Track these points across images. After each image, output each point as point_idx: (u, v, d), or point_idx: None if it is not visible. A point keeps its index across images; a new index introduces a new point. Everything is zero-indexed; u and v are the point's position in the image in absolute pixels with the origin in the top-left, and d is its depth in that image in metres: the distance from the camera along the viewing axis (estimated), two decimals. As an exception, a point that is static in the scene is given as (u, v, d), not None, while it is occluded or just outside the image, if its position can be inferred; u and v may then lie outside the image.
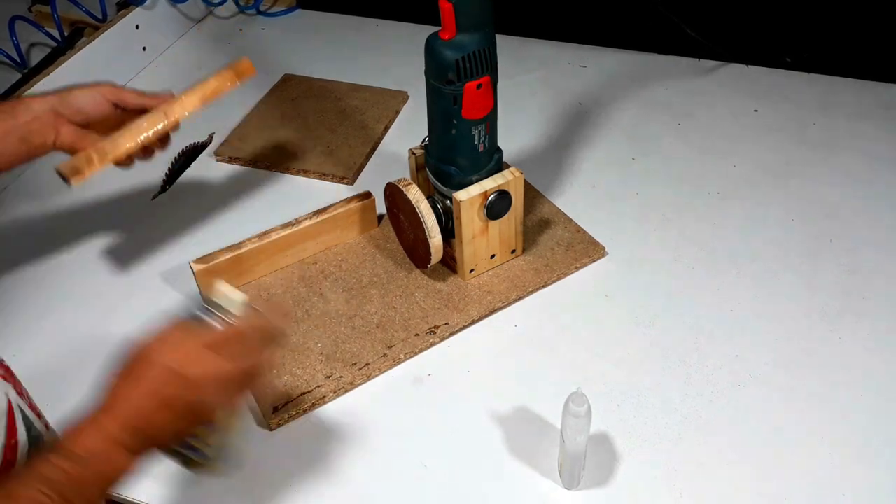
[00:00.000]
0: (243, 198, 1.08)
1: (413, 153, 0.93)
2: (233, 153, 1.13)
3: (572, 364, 0.84)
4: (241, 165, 1.13)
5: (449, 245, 0.91)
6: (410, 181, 0.88)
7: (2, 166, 0.79)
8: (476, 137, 0.83)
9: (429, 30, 0.79)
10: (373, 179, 1.06)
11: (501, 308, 0.90)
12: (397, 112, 1.20)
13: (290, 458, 0.77)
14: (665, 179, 1.06)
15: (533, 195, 1.02)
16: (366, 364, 0.84)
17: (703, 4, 1.20)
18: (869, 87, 1.18)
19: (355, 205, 0.97)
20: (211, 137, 1.19)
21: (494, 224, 0.89)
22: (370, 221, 0.99)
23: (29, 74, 1.26)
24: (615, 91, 1.21)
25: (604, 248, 0.95)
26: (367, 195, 0.98)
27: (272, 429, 0.80)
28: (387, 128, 1.17)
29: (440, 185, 0.88)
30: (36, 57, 1.32)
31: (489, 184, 0.85)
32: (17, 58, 1.28)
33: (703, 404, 0.80)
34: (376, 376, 0.84)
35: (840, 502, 0.71)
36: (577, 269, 0.94)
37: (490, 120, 0.83)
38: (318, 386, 0.83)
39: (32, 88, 1.12)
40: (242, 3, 1.47)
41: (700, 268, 0.94)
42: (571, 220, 0.99)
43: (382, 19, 1.42)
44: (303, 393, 0.82)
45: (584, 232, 0.97)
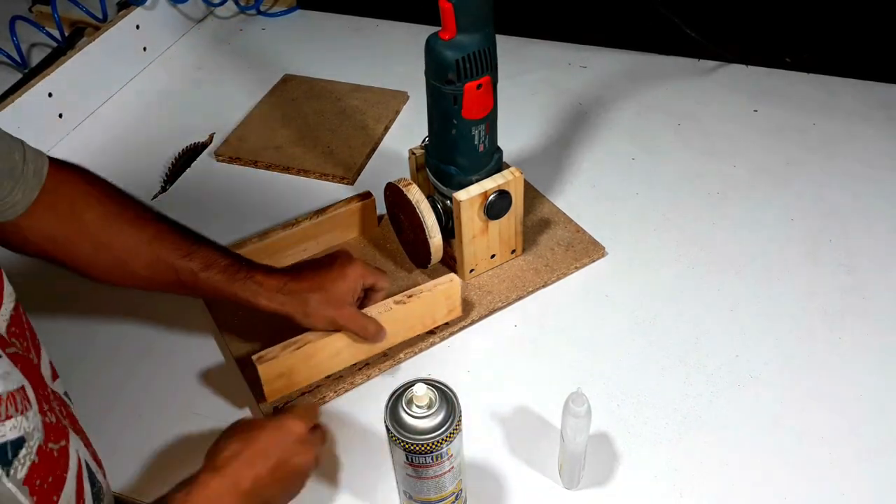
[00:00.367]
0: (243, 198, 1.08)
1: (413, 153, 0.93)
2: (233, 153, 1.13)
3: (572, 364, 0.84)
4: (241, 165, 1.13)
5: (449, 245, 0.91)
6: (410, 181, 0.88)
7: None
8: (476, 137, 0.83)
9: (429, 30, 0.79)
10: (373, 179, 1.06)
11: (501, 308, 0.90)
12: (397, 112, 1.20)
13: (290, 458, 0.77)
14: (665, 179, 1.06)
15: (533, 195, 1.02)
16: (366, 364, 0.84)
17: (703, 4, 1.20)
18: (869, 87, 1.18)
19: (355, 205, 0.97)
20: (211, 137, 1.19)
21: (494, 224, 0.89)
22: (370, 221, 0.99)
23: (29, 74, 1.26)
24: (615, 91, 1.21)
25: (604, 248, 0.95)
26: (367, 195, 0.98)
27: (272, 429, 0.80)
28: (387, 128, 1.17)
29: (440, 185, 0.88)
30: (36, 57, 1.33)
31: (489, 184, 0.85)
32: (18, 58, 1.28)
33: (703, 404, 0.80)
34: (376, 376, 0.84)
35: (840, 502, 0.71)
36: (577, 269, 0.94)
37: (490, 120, 0.83)
38: (319, 385, 0.83)
39: (33, 88, 1.12)
40: (242, 3, 1.47)
41: (700, 268, 0.94)
42: (571, 220, 0.99)
43: (382, 19, 1.42)
44: (303, 393, 0.82)
45: (584, 232, 0.97)
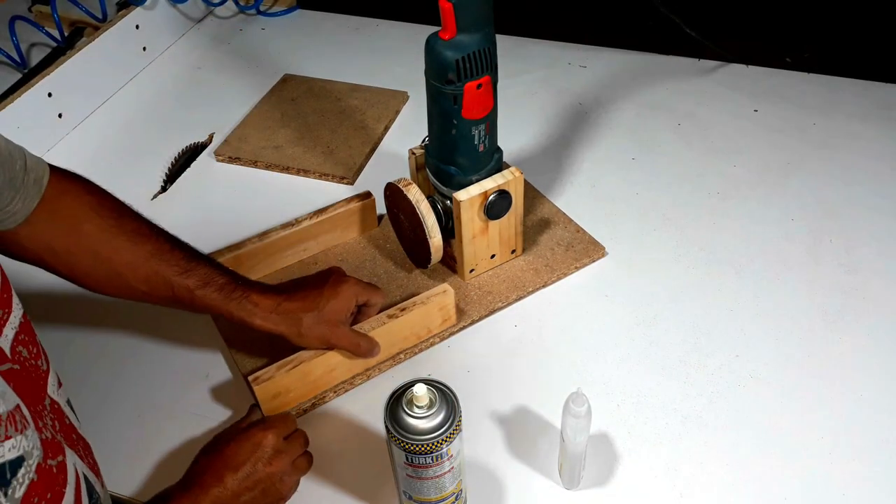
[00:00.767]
0: (243, 198, 1.08)
1: (413, 153, 0.93)
2: (233, 153, 1.13)
3: (572, 364, 0.84)
4: (241, 165, 1.13)
5: (449, 245, 0.91)
6: (410, 181, 0.88)
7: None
8: (476, 137, 0.83)
9: (429, 30, 0.78)
10: (373, 179, 1.06)
11: (501, 308, 0.90)
12: (397, 112, 1.20)
13: (290, 458, 0.77)
14: (665, 179, 1.06)
15: (533, 195, 1.02)
16: (366, 364, 0.84)
17: (703, 4, 1.20)
18: (869, 87, 1.18)
19: (355, 205, 0.97)
20: (211, 137, 1.19)
21: (494, 224, 0.89)
22: (370, 221, 0.99)
23: (29, 74, 1.26)
24: (615, 91, 1.21)
25: (604, 248, 0.95)
26: (367, 195, 0.98)
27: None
28: (387, 128, 1.17)
29: (440, 185, 0.88)
30: (36, 57, 1.33)
31: (489, 184, 0.85)
32: (17, 58, 1.28)
33: (703, 404, 0.80)
34: (376, 376, 0.84)
35: (840, 502, 0.71)
36: (577, 269, 0.94)
37: (490, 120, 0.83)
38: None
39: (32, 88, 1.12)
40: (242, 3, 1.47)
41: (700, 268, 0.94)
42: (571, 220, 0.99)
43: (382, 19, 1.42)
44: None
45: (584, 232, 0.97)
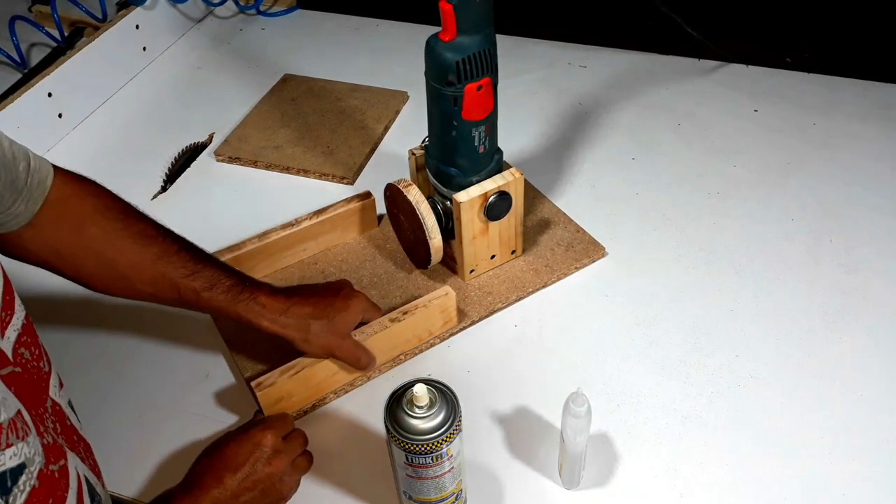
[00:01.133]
0: (243, 198, 1.08)
1: (413, 154, 0.93)
2: (233, 153, 1.13)
3: (572, 364, 0.84)
4: (241, 165, 1.13)
5: (449, 246, 0.91)
6: (410, 182, 0.88)
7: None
8: (476, 139, 0.83)
9: (429, 30, 0.78)
10: (373, 179, 1.06)
11: (501, 308, 0.90)
12: (397, 112, 1.20)
13: (291, 459, 0.77)
14: (665, 179, 1.06)
15: (533, 195, 1.02)
16: (366, 364, 0.84)
17: (704, 4, 1.20)
18: (869, 87, 1.18)
19: (355, 205, 0.97)
20: (211, 137, 1.19)
21: (494, 225, 0.89)
22: (370, 221, 0.99)
23: (29, 74, 1.26)
24: (615, 91, 1.21)
25: (604, 248, 0.95)
26: (367, 195, 0.98)
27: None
28: (387, 128, 1.17)
29: (440, 186, 0.88)
30: (36, 57, 1.33)
31: (489, 185, 0.85)
32: (17, 58, 1.29)
33: (703, 404, 0.80)
34: (376, 377, 0.84)
35: (840, 502, 0.72)
36: (577, 270, 0.94)
37: (490, 121, 0.83)
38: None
39: (32, 88, 1.12)
40: (242, 3, 1.47)
41: (700, 268, 0.94)
42: (571, 221, 0.99)
43: (382, 19, 1.42)
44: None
45: (584, 232, 0.97)
